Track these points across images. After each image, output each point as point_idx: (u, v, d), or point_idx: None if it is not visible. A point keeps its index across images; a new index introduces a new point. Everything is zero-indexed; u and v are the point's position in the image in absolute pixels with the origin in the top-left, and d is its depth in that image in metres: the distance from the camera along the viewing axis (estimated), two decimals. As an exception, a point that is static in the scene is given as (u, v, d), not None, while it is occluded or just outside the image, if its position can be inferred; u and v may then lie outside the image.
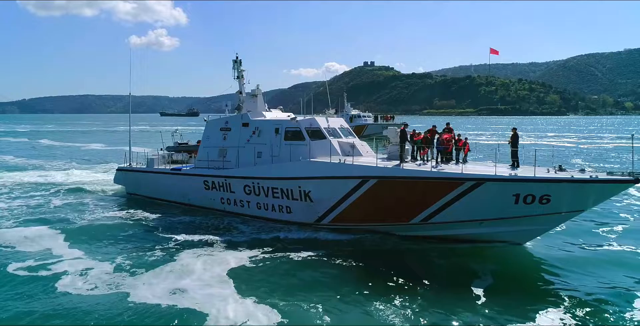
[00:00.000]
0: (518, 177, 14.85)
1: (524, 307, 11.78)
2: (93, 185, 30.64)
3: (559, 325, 10.92)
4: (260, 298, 12.00)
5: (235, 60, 23.76)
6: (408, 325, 10.74)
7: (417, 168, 16.62)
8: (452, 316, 11.22)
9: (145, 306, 11.57)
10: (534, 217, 15.34)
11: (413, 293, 12.60)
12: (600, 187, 14.41)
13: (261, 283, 13.18)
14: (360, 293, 12.52)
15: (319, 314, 11.13)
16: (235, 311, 11.19)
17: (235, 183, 20.85)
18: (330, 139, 19.71)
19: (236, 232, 18.90)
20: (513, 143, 17.31)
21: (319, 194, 18.23)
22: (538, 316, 11.34)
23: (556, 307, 11.80)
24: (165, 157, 26.44)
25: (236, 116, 22.69)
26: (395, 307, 11.59)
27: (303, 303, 11.70)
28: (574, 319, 11.21)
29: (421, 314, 11.29)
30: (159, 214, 21.98)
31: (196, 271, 13.89)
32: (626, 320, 11.24)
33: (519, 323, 10.96)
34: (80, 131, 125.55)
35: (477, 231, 16.49)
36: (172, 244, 17.05)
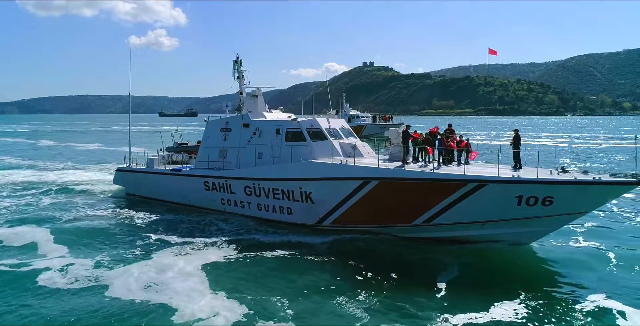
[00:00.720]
0: (521, 179, 14.77)
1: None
2: (85, 184, 30.83)
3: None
4: (230, 293, 12.33)
5: (236, 60, 23.66)
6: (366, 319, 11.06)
7: (420, 170, 16.53)
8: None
9: (120, 300, 12.00)
10: (537, 218, 15.25)
11: (377, 287, 13.04)
12: (603, 189, 14.33)
13: (233, 279, 13.56)
14: (330, 289, 12.81)
15: (283, 308, 11.51)
16: (203, 306, 11.54)
17: (235, 184, 20.72)
18: (332, 140, 19.61)
19: (215, 229, 19.33)
20: (515, 144, 17.21)
21: (320, 195, 18.13)
22: (539, 316, 11.31)
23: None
24: (165, 158, 26.32)
25: (237, 117, 22.58)
26: (361, 304, 11.87)
27: (272, 298, 12.07)
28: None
29: (394, 311, 11.55)
30: (144, 212, 22.44)
31: (172, 267, 14.32)
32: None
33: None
34: (78, 131, 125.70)
35: (479, 233, 16.40)
36: (153, 241, 17.54)
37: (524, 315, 11.35)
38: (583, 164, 29.41)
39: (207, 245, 16.86)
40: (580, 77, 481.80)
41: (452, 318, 11.06)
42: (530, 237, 16.39)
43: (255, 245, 17.05)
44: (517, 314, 11.37)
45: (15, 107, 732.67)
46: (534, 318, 11.19)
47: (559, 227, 16.37)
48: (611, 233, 18.65)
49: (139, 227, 19.86)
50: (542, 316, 11.30)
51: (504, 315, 11.28)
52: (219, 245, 16.96)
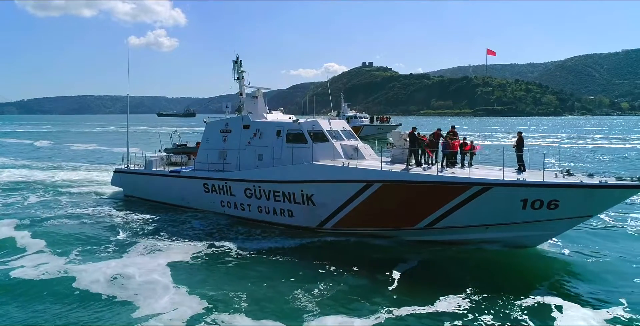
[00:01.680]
0: (527, 182, 14.56)
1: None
2: (77, 185, 30.82)
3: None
4: (192, 289, 12.72)
5: (236, 61, 23.35)
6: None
7: (423, 173, 16.28)
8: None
9: (86, 294, 12.54)
10: (542, 222, 15.07)
11: (336, 281, 13.44)
12: (609, 192, 14.17)
13: (198, 276, 14.01)
14: (289, 284, 13.22)
15: (240, 301, 11.96)
16: (165, 301, 11.97)
17: (235, 186, 20.45)
18: (333, 142, 19.36)
19: (188, 228, 19.71)
20: (518, 147, 17.07)
21: (322, 198, 17.88)
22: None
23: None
24: (163, 159, 25.98)
25: (237, 118, 22.27)
26: (315, 297, 12.31)
27: (231, 293, 12.49)
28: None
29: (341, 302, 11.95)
30: (125, 211, 22.91)
31: (141, 264, 14.75)
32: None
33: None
34: (74, 131, 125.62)
35: (482, 236, 16.22)
36: (128, 239, 17.98)
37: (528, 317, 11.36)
38: (566, 163, 29.70)
39: (177, 243, 17.33)
40: (579, 77, 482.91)
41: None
42: (534, 241, 16.18)
43: (224, 243, 17.34)
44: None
45: (15, 107, 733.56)
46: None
47: (564, 231, 16.18)
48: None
49: (117, 225, 20.20)
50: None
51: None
52: (188, 243, 17.37)
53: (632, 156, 51.63)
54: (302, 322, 10.78)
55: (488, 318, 11.06)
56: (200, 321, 10.90)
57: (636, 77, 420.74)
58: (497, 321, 10.94)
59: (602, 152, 57.62)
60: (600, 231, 19.10)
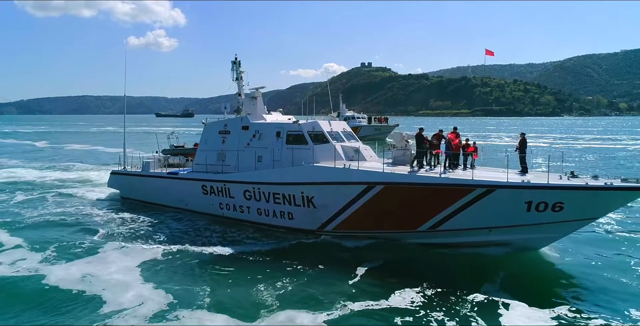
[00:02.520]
0: (531, 184, 14.34)
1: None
2: (64, 185, 30.93)
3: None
4: (159, 286, 13.13)
5: (235, 61, 23.06)
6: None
7: (426, 174, 16.04)
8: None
9: (56, 290, 12.89)
10: (546, 224, 14.87)
11: (297, 276, 13.80)
12: (615, 195, 13.98)
13: (167, 274, 14.34)
14: (256, 281, 13.53)
15: (204, 297, 12.35)
16: (131, 296, 12.35)
17: (234, 188, 20.15)
18: (334, 143, 19.10)
19: (165, 228, 19.99)
20: (521, 148, 16.90)
21: (323, 200, 17.61)
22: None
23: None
24: (161, 160, 25.59)
25: (235, 119, 21.96)
26: (280, 294, 12.65)
27: (196, 289, 12.89)
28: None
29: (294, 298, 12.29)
30: (107, 211, 23.29)
31: (113, 262, 15.16)
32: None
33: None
34: (72, 132, 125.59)
35: (485, 239, 16.00)
36: (104, 238, 18.34)
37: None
38: (553, 163, 30.06)
39: (152, 243, 17.60)
40: (578, 77, 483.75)
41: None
42: (537, 243, 15.99)
43: (197, 243, 17.61)
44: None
45: (14, 108, 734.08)
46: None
47: (568, 233, 15.99)
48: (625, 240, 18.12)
49: (97, 225, 20.49)
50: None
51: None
52: (162, 243, 17.62)
53: (619, 156, 51.90)
54: (257, 317, 11.15)
55: (439, 315, 11.44)
56: (163, 316, 11.26)
57: (635, 78, 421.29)
58: (447, 317, 11.27)
59: (591, 152, 57.89)
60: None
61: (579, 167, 21.30)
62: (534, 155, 17.69)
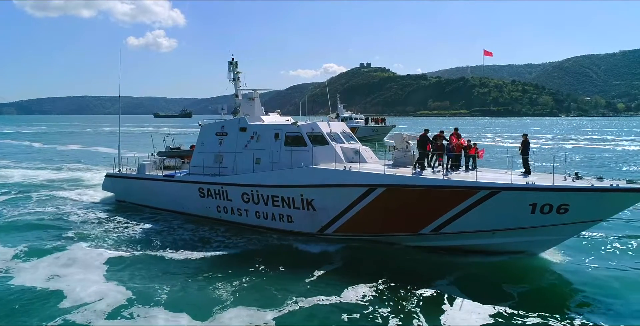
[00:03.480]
0: (536, 186, 14.06)
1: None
2: (51, 184, 31.19)
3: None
4: (121, 283, 13.55)
5: (231, 62, 22.63)
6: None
7: (429, 177, 15.73)
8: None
9: (21, 287, 13.31)
10: (551, 226, 14.61)
11: (258, 274, 14.38)
12: (621, 196, 13.74)
13: (131, 271, 14.74)
14: (218, 280, 13.85)
15: (162, 296, 12.66)
16: (92, 292, 12.78)
17: (232, 190, 19.77)
18: (333, 145, 18.76)
19: (139, 228, 20.31)
20: (524, 150, 16.66)
21: (323, 203, 17.27)
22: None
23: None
24: (156, 163, 25.09)
25: (233, 120, 21.54)
26: (232, 291, 13.03)
27: (155, 286, 13.32)
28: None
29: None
30: (84, 210, 23.59)
31: (80, 260, 15.64)
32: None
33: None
34: (69, 132, 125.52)
35: (489, 241, 15.71)
36: (74, 236, 18.71)
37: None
38: (538, 164, 30.20)
39: (123, 242, 18.00)
40: (577, 78, 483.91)
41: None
42: (542, 246, 15.75)
43: (167, 242, 17.96)
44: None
45: (14, 108, 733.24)
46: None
47: (572, 236, 15.74)
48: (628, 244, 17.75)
49: (72, 224, 20.78)
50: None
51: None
52: (133, 241, 18.02)
53: (604, 157, 52.01)
54: (208, 315, 11.50)
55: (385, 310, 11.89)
56: (118, 312, 11.67)
57: (633, 78, 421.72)
58: (391, 314, 11.65)
59: (578, 152, 57.98)
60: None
61: (562, 168, 21.41)
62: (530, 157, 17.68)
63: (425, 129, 17.97)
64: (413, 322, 11.24)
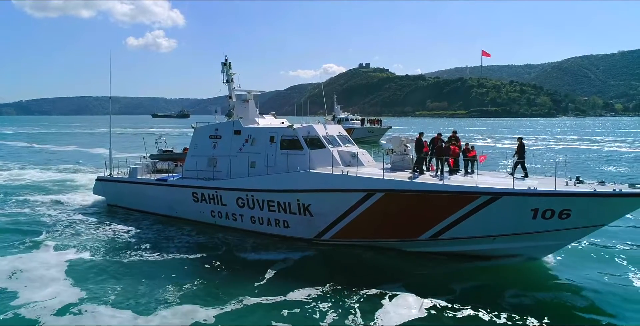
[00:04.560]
0: (538, 191, 13.71)
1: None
2: (37, 185, 31.34)
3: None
4: (77, 283, 13.89)
5: (225, 63, 22.16)
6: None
7: (429, 182, 15.32)
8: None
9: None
10: (552, 232, 14.29)
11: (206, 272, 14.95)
12: (624, 201, 13.44)
13: (92, 271, 15.00)
14: (173, 280, 14.15)
15: (112, 295, 13.00)
16: (47, 292, 13.07)
17: (226, 195, 19.32)
18: (330, 148, 18.35)
19: (108, 228, 20.57)
20: (519, 153, 16.42)
21: (320, 208, 16.85)
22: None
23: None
24: (149, 166, 24.50)
25: (227, 123, 21.04)
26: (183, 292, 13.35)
27: (108, 286, 13.67)
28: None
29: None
30: (58, 211, 23.73)
31: (43, 260, 15.84)
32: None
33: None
34: (64, 133, 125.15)
35: (489, 247, 15.38)
36: (48, 236, 18.98)
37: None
38: (530, 165, 30.25)
39: (89, 242, 18.11)
40: (575, 78, 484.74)
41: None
42: (543, 251, 15.43)
43: (130, 243, 18.15)
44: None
45: (13, 108, 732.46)
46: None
47: (575, 240, 15.51)
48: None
49: (44, 224, 20.97)
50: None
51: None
52: (98, 242, 18.18)
53: (589, 158, 52.23)
54: (154, 312, 11.89)
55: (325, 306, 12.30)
56: (68, 309, 12.06)
57: (632, 78, 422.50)
58: (333, 312, 11.96)
59: (564, 152, 58.20)
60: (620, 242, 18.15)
61: (543, 169, 21.22)
62: (509, 156, 17.62)
63: (420, 133, 17.65)
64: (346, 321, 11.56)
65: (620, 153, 57.57)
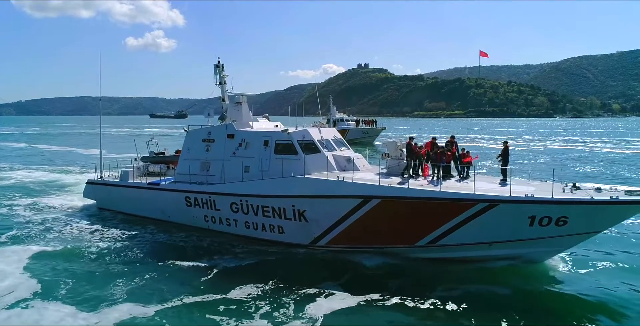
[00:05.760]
0: (535, 199, 13.57)
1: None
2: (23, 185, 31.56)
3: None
4: (35, 276, 14.55)
5: (217, 65, 21.82)
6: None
7: (425, 188, 15.10)
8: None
9: None
10: (549, 238, 14.22)
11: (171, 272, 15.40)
12: (621, 209, 13.43)
13: (49, 266, 15.62)
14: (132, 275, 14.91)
15: (64, 290, 13.71)
16: (4, 284, 13.78)
17: (220, 200, 19.04)
18: (325, 153, 18.10)
19: (76, 226, 21.13)
20: (504, 157, 16.42)
21: (316, 214, 16.61)
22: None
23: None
24: (140, 169, 24.08)
25: (220, 126, 20.69)
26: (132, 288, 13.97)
27: (61, 281, 14.34)
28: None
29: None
30: (33, 211, 24.20)
31: (9, 255, 16.57)
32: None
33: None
34: (59, 133, 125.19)
35: (486, 253, 15.26)
36: (18, 234, 19.65)
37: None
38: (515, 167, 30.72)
39: (54, 240, 18.73)
40: (573, 78, 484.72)
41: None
42: (539, 257, 15.33)
43: (92, 240, 18.88)
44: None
45: (13, 109, 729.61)
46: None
47: (571, 247, 15.34)
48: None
49: (15, 223, 21.57)
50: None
51: None
52: (63, 240, 18.78)
53: (571, 158, 52.41)
54: (96, 308, 12.55)
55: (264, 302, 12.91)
56: (19, 303, 12.67)
57: (630, 79, 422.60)
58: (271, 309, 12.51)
59: (548, 153, 58.48)
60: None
61: (521, 170, 21.15)
62: (493, 156, 17.68)
63: (409, 137, 17.53)
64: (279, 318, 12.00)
65: (601, 154, 57.87)
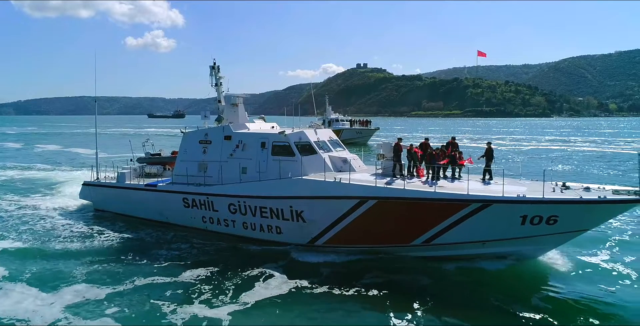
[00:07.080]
0: (527, 199, 13.97)
1: None
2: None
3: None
4: (10, 271, 15.51)
5: (213, 66, 21.96)
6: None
7: (420, 189, 15.42)
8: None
9: None
10: (540, 237, 14.70)
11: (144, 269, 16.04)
12: (608, 208, 13.90)
13: (24, 262, 16.49)
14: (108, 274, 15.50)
15: (28, 274, 15.14)
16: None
17: (218, 201, 19.25)
18: (322, 154, 18.36)
19: (61, 224, 21.88)
20: (487, 158, 16.73)
21: (313, 214, 16.87)
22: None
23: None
24: (137, 170, 24.04)
25: (217, 128, 20.85)
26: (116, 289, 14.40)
27: (28, 269, 15.71)
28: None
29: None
30: (24, 211, 24.57)
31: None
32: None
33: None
34: (56, 133, 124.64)
35: (479, 251, 15.69)
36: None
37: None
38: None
39: (34, 240, 19.27)
40: (572, 78, 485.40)
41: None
42: (529, 254, 15.77)
43: (71, 238, 19.63)
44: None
45: (12, 108, 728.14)
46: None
47: (561, 244, 15.82)
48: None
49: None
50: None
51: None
52: (44, 238, 19.57)
53: (550, 157, 53.01)
54: (56, 289, 13.95)
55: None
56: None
57: (628, 79, 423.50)
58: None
59: (530, 153, 59.09)
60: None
61: (498, 169, 21.71)
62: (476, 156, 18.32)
63: (398, 138, 17.94)
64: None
65: (582, 153, 58.46)
